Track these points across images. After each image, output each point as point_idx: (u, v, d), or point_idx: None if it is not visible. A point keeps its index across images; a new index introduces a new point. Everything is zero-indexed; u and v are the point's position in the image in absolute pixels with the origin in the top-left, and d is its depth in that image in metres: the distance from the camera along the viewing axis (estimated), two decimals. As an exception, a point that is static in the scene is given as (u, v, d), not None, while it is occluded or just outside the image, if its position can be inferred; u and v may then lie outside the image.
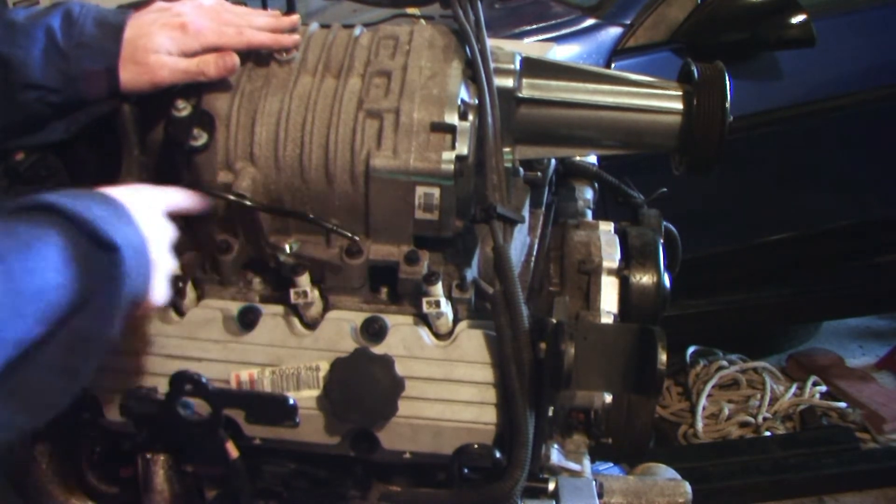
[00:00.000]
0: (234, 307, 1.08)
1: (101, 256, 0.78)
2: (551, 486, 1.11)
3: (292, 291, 1.05)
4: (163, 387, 1.03)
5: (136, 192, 0.94)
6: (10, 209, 0.77)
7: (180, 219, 1.02)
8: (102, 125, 1.10)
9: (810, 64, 2.71)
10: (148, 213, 0.91)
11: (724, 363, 3.14)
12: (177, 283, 1.07)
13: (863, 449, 2.86)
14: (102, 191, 0.87)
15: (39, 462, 1.18)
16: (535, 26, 2.71)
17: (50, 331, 0.74)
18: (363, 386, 1.01)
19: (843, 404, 3.01)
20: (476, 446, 1.04)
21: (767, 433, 2.93)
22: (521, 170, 1.32)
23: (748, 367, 3.13)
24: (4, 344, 0.70)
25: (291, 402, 1.03)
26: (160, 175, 1.11)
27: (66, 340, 0.76)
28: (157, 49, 1.04)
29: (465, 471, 1.04)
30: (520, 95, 1.23)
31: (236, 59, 1.08)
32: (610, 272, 1.22)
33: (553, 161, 1.45)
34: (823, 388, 3.09)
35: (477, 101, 1.13)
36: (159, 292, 0.92)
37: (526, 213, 1.30)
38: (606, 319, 1.19)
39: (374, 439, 1.05)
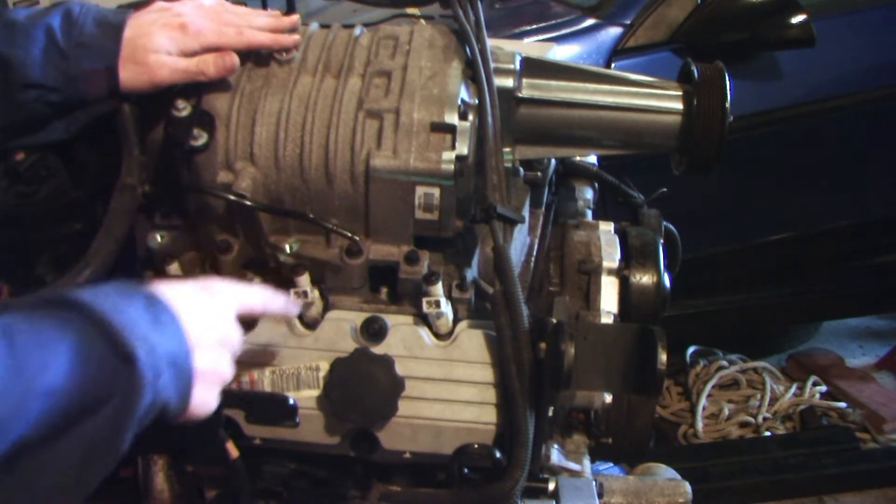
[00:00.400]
0: (234, 307, 1.08)
1: (117, 366, 0.73)
2: (551, 486, 1.11)
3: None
4: (163, 387, 1.03)
5: (203, 291, 0.88)
6: (41, 301, 0.74)
7: (179, 218, 1.02)
8: (102, 125, 1.10)
9: (810, 64, 2.70)
10: (207, 315, 0.86)
11: (724, 363, 3.14)
12: (177, 283, 1.07)
13: (863, 449, 2.86)
14: (153, 288, 0.82)
15: (39, 462, 1.18)
16: (535, 26, 2.71)
17: (57, 432, 0.70)
18: (363, 386, 1.01)
19: (843, 404, 3.01)
20: (476, 446, 1.04)
21: (767, 433, 2.92)
22: (521, 170, 1.32)
23: (748, 367, 3.13)
24: (7, 438, 0.66)
25: (291, 402, 1.03)
26: (160, 175, 1.11)
27: (76, 444, 0.72)
28: (156, 49, 1.04)
29: (465, 471, 1.04)
30: (520, 95, 1.23)
31: (236, 59, 1.08)
32: (610, 272, 1.22)
33: (553, 161, 1.45)
34: (823, 388, 3.09)
35: (477, 101, 1.13)
36: (204, 402, 0.86)
37: (526, 213, 1.30)
38: (606, 319, 1.19)
39: (374, 439, 1.05)
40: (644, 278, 1.21)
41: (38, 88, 1.03)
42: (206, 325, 0.85)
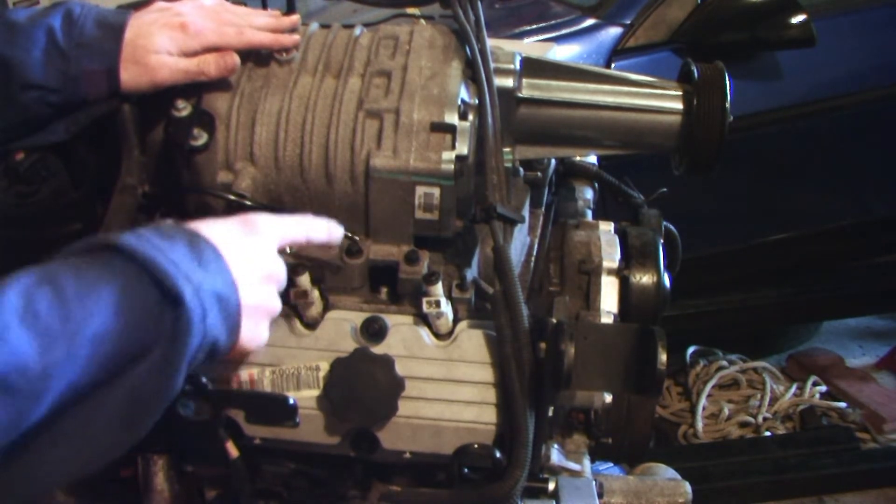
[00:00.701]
0: (234, 307, 1.08)
1: (164, 308, 0.73)
2: (551, 486, 1.11)
3: (292, 291, 1.05)
4: (163, 387, 1.03)
5: (243, 226, 0.88)
6: (84, 247, 0.75)
7: (179, 218, 1.01)
8: (102, 125, 1.10)
9: (810, 64, 2.71)
10: (249, 251, 0.86)
11: (724, 363, 3.14)
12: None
13: (863, 449, 2.86)
14: (195, 227, 0.82)
15: (39, 462, 1.18)
16: (535, 26, 2.72)
17: (106, 378, 0.71)
18: (363, 386, 1.01)
19: (843, 404, 3.01)
20: (476, 446, 1.04)
21: (767, 433, 2.93)
22: (521, 170, 1.32)
23: (748, 367, 3.13)
24: (58, 386, 0.67)
25: (291, 402, 1.03)
26: (160, 175, 1.11)
27: (124, 390, 0.72)
28: (157, 49, 1.04)
29: (465, 471, 1.04)
30: (520, 95, 1.23)
31: (236, 59, 1.08)
32: (610, 272, 1.22)
33: (553, 161, 1.45)
34: (823, 388, 3.09)
35: (477, 101, 1.13)
36: (254, 337, 0.87)
37: (526, 213, 1.30)
38: (606, 319, 1.19)
39: (374, 439, 1.05)
40: (644, 278, 1.21)
41: (39, 89, 1.03)
42: (249, 261, 0.85)
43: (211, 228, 0.84)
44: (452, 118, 1.07)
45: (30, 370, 0.65)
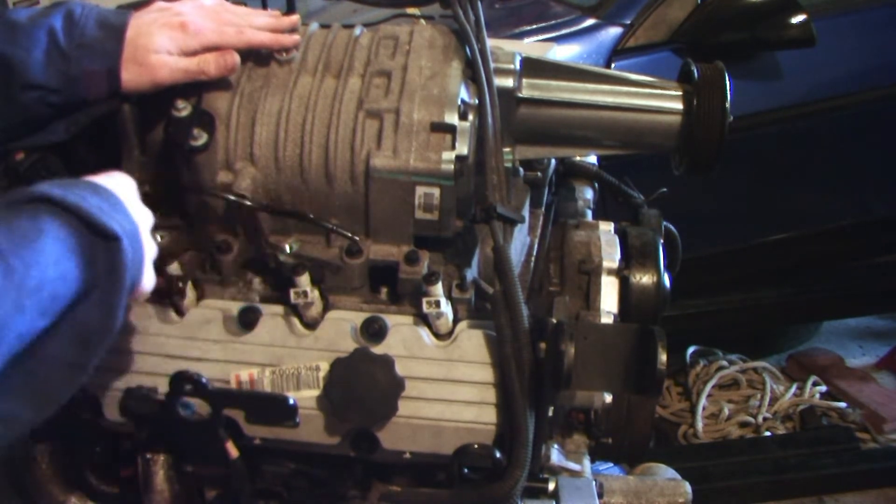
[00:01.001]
0: (234, 307, 1.08)
1: (101, 247, 0.78)
2: (551, 486, 1.11)
3: (292, 291, 1.05)
4: (163, 387, 1.03)
5: (115, 179, 0.92)
6: (6, 203, 0.77)
7: (179, 218, 1.02)
8: (102, 125, 1.10)
9: (810, 64, 2.71)
10: (132, 198, 0.91)
11: (724, 363, 3.14)
12: (177, 283, 1.07)
13: (863, 449, 2.86)
14: (91, 180, 0.87)
15: (39, 462, 1.18)
16: (535, 26, 2.71)
17: (53, 323, 0.75)
18: (363, 386, 1.01)
19: (843, 404, 3.01)
20: (476, 446, 1.04)
21: (767, 433, 2.92)
22: (521, 170, 1.32)
23: (748, 367, 3.13)
24: (7, 338, 0.70)
25: (291, 402, 1.03)
26: (160, 175, 1.11)
27: (71, 332, 0.76)
28: (157, 49, 1.04)
29: (465, 471, 1.04)
30: (520, 95, 1.23)
31: (237, 58, 1.08)
32: (610, 272, 1.22)
33: (553, 161, 1.45)
34: (823, 388, 3.09)
35: (477, 101, 1.13)
36: (149, 279, 0.92)
37: (526, 213, 1.30)
38: (606, 319, 1.19)
39: (374, 439, 1.05)
40: (644, 278, 1.21)
41: (40, 89, 1.03)
42: (135, 207, 0.89)
43: (101, 180, 0.87)
44: (452, 118, 1.07)
45: None
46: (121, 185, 0.91)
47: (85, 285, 0.76)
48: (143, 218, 0.91)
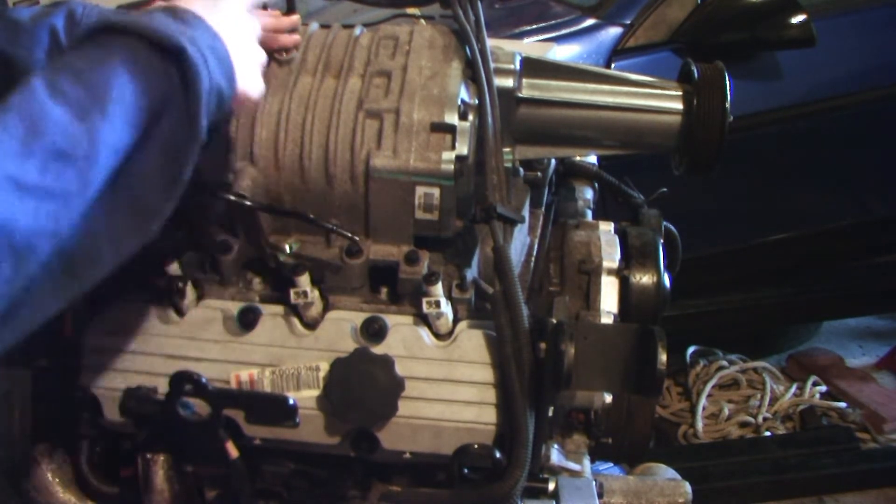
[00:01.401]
0: (234, 307, 1.08)
1: (169, 65, 0.80)
2: (551, 486, 1.11)
3: (292, 291, 1.05)
4: (163, 387, 1.03)
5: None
6: (79, 37, 0.81)
7: (180, 219, 1.01)
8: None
9: (810, 64, 2.71)
10: (225, 11, 0.93)
11: (724, 363, 3.14)
12: (177, 283, 1.07)
13: (863, 449, 2.86)
14: (173, 4, 0.90)
15: (39, 462, 1.18)
16: (535, 26, 2.71)
17: (142, 137, 0.78)
18: (363, 386, 1.01)
19: (843, 404, 3.01)
20: (476, 446, 1.04)
21: (767, 433, 2.92)
22: (521, 170, 1.32)
23: (748, 367, 3.13)
24: (103, 149, 0.74)
25: (291, 402, 1.03)
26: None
27: (158, 145, 0.79)
28: (157, 49, 1.04)
29: (465, 471, 1.04)
30: (520, 95, 1.23)
31: None
32: (610, 272, 1.22)
33: (553, 161, 1.45)
34: (823, 388, 3.09)
35: (477, 101, 1.13)
36: (251, 82, 0.96)
37: (526, 213, 1.30)
38: (606, 319, 1.19)
39: (374, 439, 1.05)
40: (644, 278, 1.21)
41: None
42: (226, 18, 0.92)
43: (184, 2, 0.90)
44: (452, 118, 1.07)
45: (76, 137, 0.72)
46: (210, 4, 0.93)
47: (161, 100, 0.79)
48: (239, 27, 0.95)
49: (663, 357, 0.95)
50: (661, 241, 1.30)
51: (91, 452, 1.18)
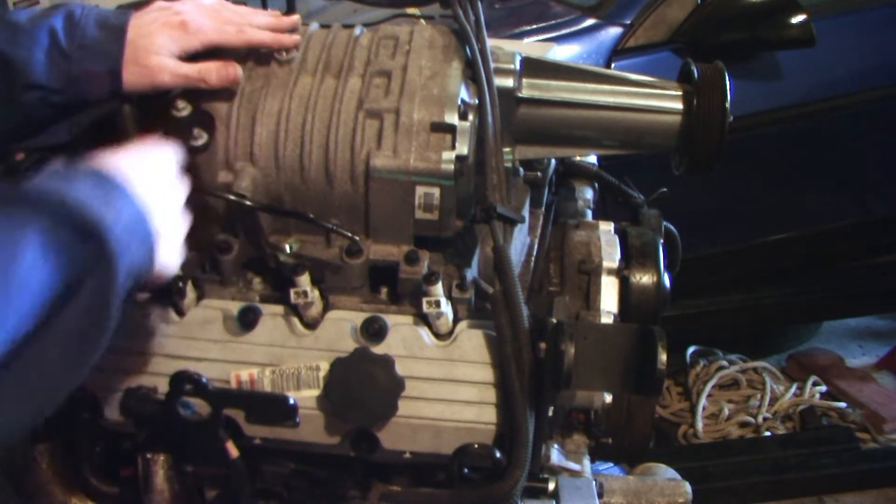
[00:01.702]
0: (234, 307, 1.08)
1: (86, 243, 0.76)
2: (551, 486, 1.11)
3: (292, 291, 1.05)
4: (163, 387, 1.03)
5: (141, 154, 0.91)
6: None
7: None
8: (103, 125, 1.10)
9: (810, 64, 2.71)
10: (152, 176, 0.89)
11: (724, 363, 3.14)
12: (177, 283, 1.07)
13: (863, 449, 2.86)
14: (96, 163, 0.85)
15: (39, 462, 1.18)
16: (535, 26, 2.71)
17: (45, 320, 0.73)
18: (363, 386, 1.01)
19: (843, 404, 3.01)
20: (476, 446, 1.04)
21: (767, 433, 2.92)
22: (521, 170, 1.32)
23: (748, 367, 3.13)
24: (4, 334, 0.69)
25: (291, 402, 1.03)
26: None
27: (63, 329, 0.75)
28: (158, 50, 1.04)
29: (465, 471, 1.04)
30: (520, 95, 1.23)
31: (238, 71, 1.08)
32: (610, 272, 1.22)
33: (553, 161, 1.45)
34: (823, 388, 3.09)
35: (477, 101, 1.13)
36: (170, 258, 0.91)
37: (526, 213, 1.30)
38: (606, 319, 1.19)
39: (374, 439, 1.05)
40: (644, 278, 1.21)
41: (41, 90, 1.03)
42: (153, 186, 0.88)
43: (114, 163, 0.86)
44: (452, 118, 1.07)
45: None
46: (142, 162, 0.89)
47: (71, 283, 0.75)
48: (165, 196, 0.90)
49: (663, 357, 0.95)
50: (661, 241, 1.30)
51: (91, 452, 1.18)
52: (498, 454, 1.02)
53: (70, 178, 0.80)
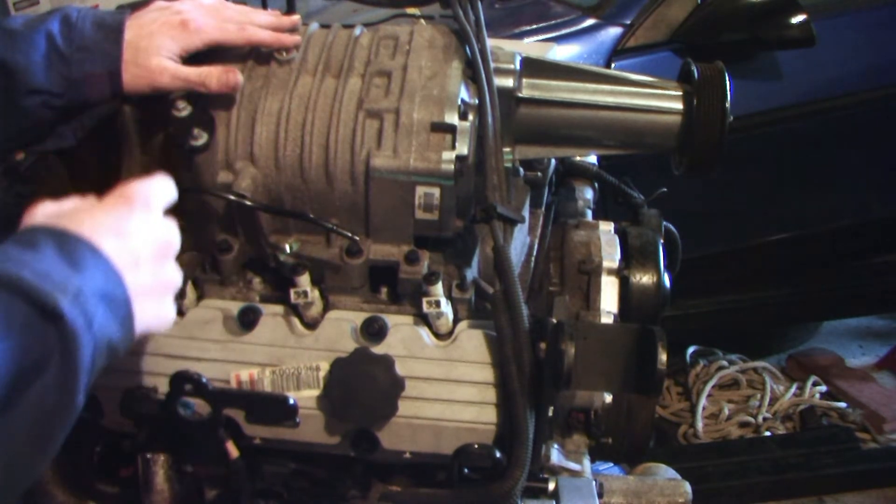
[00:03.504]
0: (234, 307, 1.08)
1: (46, 324, 0.69)
2: (551, 486, 1.11)
3: (292, 291, 1.05)
4: (163, 387, 1.03)
5: (120, 204, 0.83)
6: None
7: (181, 219, 1.02)
8: (103, 126, 1.10)
9: (810, 64, 2.71)
10: (131, 230, 0.81)
11: (724, 363, 3.14)
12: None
13: (863, 449, 2.86)
14: (64, 225, 0.76)
15: (39, 462, 1.18)
16: (535, 26, 2.71)
17: (5, 403, 0.67)
18: (363, 386, 1.01)
19: (843, 404, 3.01)
20: (476, 446, 1.04)
21: (767, 433, 2.93)
22: (521, 170, 1.32)
23: (748, 367, 3.13)
24: None
25: (291, 402, 1.03)
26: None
27: (27, 412, 0.69)
28: (158, 51, 1.04)
29: (465, 471, 1.04)
30: (520, 95, 1.23)
31: (239, 77, 1.07)
32: (610, 272, 1.22)
33: (553, 161, 1.45)
34: (823, 388, 3.09)
35: (477, 101, 1.13)
36: (157, 319, 0.84)
37: (526, 213, 1.30)
38: (606, 319, 1.19)
39: (374, 439, 1.05)
40: (644, 278, 1.21)
41: (42, 94, 1.03)
42: (131, 241, 0.80)
43: (82, 221, 0.77)
44: (452, 118, 1.07)
45: None
46: (121, 210, 0.81)
47: (38, 363, 0.69)
48: (147, 248, 0.82)
49: (663, 357, 0.95)
50: (661, 241, 1.30)
51: (91, 452, 1.18)
52: (498, 454, 1.02)
53: (31, 246, 0.73)
